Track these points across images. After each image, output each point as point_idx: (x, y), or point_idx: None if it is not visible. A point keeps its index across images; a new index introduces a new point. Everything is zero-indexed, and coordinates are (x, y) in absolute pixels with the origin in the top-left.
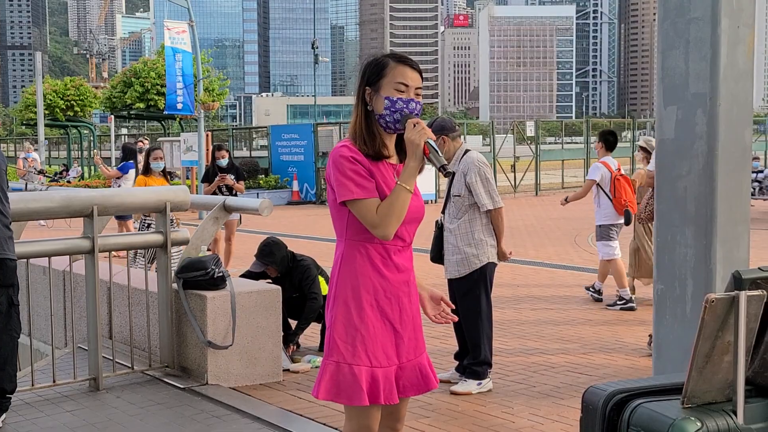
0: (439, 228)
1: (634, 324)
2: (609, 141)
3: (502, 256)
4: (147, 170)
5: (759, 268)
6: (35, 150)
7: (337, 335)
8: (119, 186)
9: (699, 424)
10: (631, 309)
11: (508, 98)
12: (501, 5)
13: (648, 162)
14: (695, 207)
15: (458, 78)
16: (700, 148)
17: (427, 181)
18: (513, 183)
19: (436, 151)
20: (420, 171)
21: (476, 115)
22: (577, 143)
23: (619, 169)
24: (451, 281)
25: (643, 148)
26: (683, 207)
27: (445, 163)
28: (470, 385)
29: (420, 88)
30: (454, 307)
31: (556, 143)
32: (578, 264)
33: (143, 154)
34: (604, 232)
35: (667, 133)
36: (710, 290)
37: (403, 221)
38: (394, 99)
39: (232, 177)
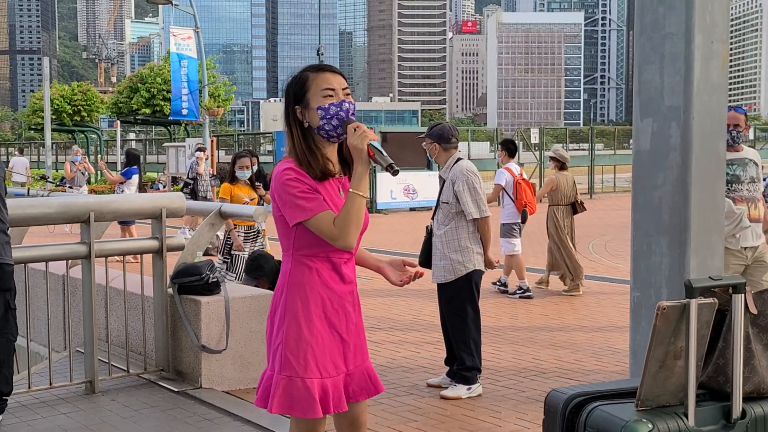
0: (429, 233)
1: (626, 331)
2: (510, 149)
3: (488, 264)
4: (233, 178)
5: (710, 277)
6: (83, 154)
7: (289, 351)
8: (122, 191)
9: (650, 426)
10: (529, 297)
11: (516, 105)
12: (509, 12)
13: (560, 170)
14: (670, 217)
15: (466, 84)
16: (675, 159)
17: (430, 187)
18: None
19: (380, 152)
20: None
21: (484, 122)
22: (583, 150)
23: (521, 174)
24: (438, 286)
25: (553, 158)
26: (658, 217)
27: (391, 162)
28: (460, 390)
29: (346, 88)
30: (416, 265)
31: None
32: None
33: (230, 162)
34: (507, 230)
35: (643, 144)
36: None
37: None
38: (326, 106)
39: (261, 185)
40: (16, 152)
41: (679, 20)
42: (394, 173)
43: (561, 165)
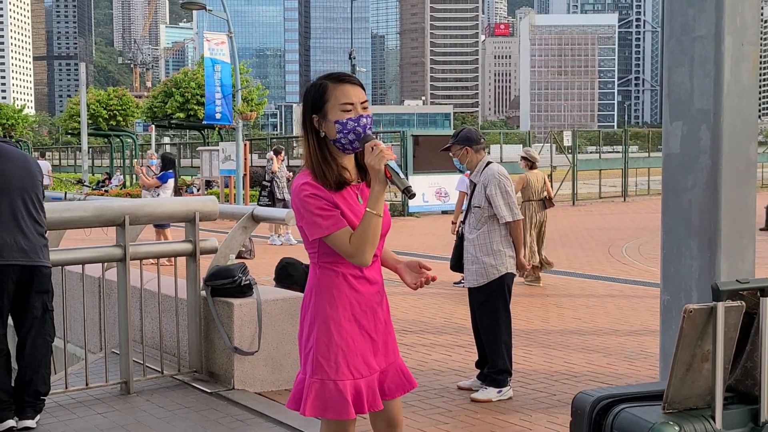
0: (460, 238)
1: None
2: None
3: (520, 267)
4: None
5: (737, 280)
6: (158, 158)
7: (320, 355)
8: (158, 195)
9: (677, 428)
10: None
11: (549, 107)
12: (542, 14)
13: (530, 169)
14: (700, 220)
15: (499, 87)
16: (705, 162)
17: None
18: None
19: (398, 174)
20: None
21: (517, 124)
22: (617, 152)
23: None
24: (470, 290)
25: (524, 158)
26: (688, 220)
27: (409, 185)
28: (490, 393)
29: (365, 101)
30: (431, 268)
31: (595, 153)
32: (610, 274)
33: None
34: None
35: (672, 147)
36: None
37: None
38: (344, 121)
39: None
40: (38, 156)
41: (709, 23)
42: (411, 197)
43: (531, 164)
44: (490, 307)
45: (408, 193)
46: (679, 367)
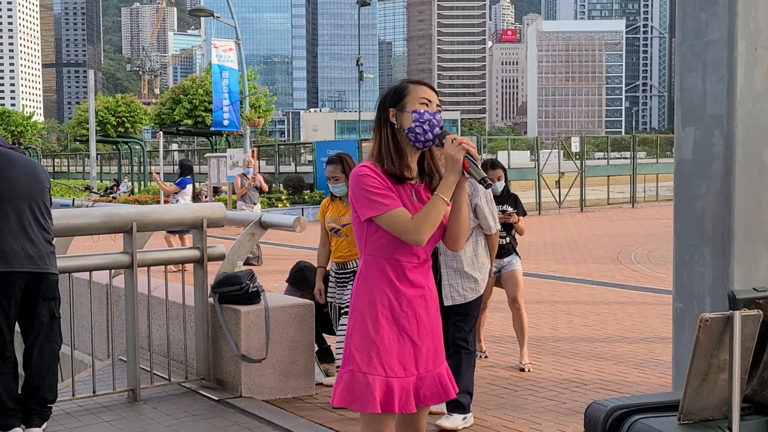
0: (434, 253)
1: (670, 342)
2: None
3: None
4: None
5: (754, 288)
6: (243, 164)
7: (353, 346)
8: (177, 201)
9: None
10: None
11: (557, 113)
12: (549, 20)
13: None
14: (713, 227)
15: (506, 93)
16: (718, 168)
17: None
18: (558, 199)
19: (476, 165)
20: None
21: (524, 130)
22: (625, 158)
23: None
24: (449, 307)
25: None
26: (701, 227)
27: (485, 175)
28: (456, 420)
29: (439, 105)
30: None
31: (603, 159)
32: (619, 281)
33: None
34: None
35: (685, 153)
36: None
37: None
38: (422, 111)
39: (510, 209)
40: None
41: (722, 27)
42: (487, 186)
43: None
44: (470, 323)
45: (485, 183)
46: (694, 377)
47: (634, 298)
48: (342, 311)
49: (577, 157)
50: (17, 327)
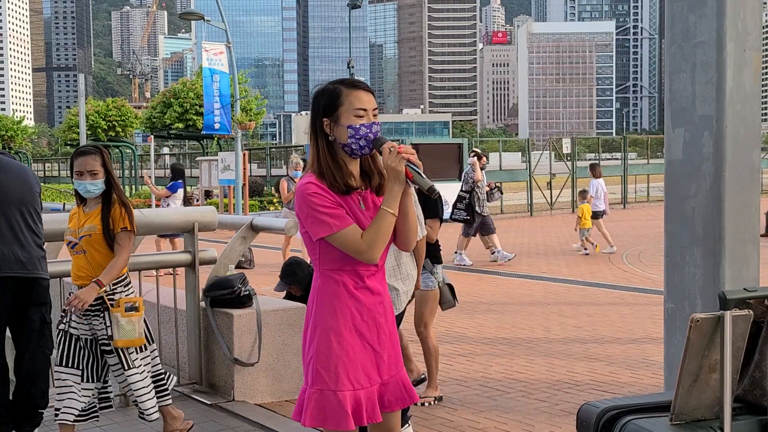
0: None
1: (661, 342)
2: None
3: (417, 287)
4: None
5: (744, 288)
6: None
7: (319, 365)
8: (168, 205)
9: None
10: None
11: (548, 114)
12: (540, 21)
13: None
14: (703, 227)
15: (497, 95)
16: (707, 169)
17: None
18: (549, 200)
19: (420, 174)
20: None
21: (515, 132)
22: (616, 159)
23: None
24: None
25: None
26: (692, 227)
27: (431, 184)
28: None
29: (376, 108)
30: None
31: (594, 160)
32: (611, 282)
33: None
34: None
35: (675, 154)
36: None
37: None
38: (357, 126)
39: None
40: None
41: (711, 29)
42: (435, 196)
43: None
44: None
45: (432, 192)
46: (686, 377)
47: (626, 299)
48: (100, 344)
49: (568, 158)
50: (8, 332)
